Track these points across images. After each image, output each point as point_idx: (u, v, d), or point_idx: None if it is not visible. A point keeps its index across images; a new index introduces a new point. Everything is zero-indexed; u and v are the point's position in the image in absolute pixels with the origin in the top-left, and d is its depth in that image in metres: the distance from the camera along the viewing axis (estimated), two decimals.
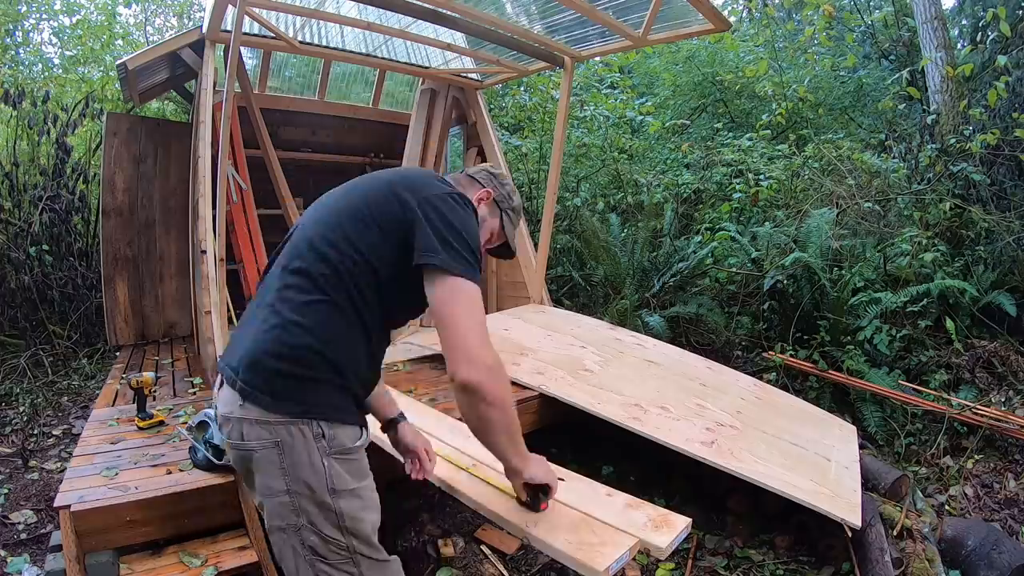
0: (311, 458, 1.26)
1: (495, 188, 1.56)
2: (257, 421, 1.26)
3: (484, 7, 3.92)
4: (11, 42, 6.73)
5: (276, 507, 1.29)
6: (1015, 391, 3.51)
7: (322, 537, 1.29)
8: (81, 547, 1.81)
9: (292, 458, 1.26)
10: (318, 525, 1.29)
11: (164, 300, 4.94)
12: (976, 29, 5.63)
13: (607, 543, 1.57)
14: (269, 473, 1.27)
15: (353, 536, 1.33)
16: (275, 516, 1.30)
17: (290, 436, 1.25)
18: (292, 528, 1.29)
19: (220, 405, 1.35)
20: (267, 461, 1.26)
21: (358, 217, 1.33)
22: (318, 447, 1.27)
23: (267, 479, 1.28)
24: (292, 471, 1.26)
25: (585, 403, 2.82)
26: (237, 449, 1.30)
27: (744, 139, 5.82)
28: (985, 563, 2.28)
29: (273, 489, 1.28)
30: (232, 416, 1.30)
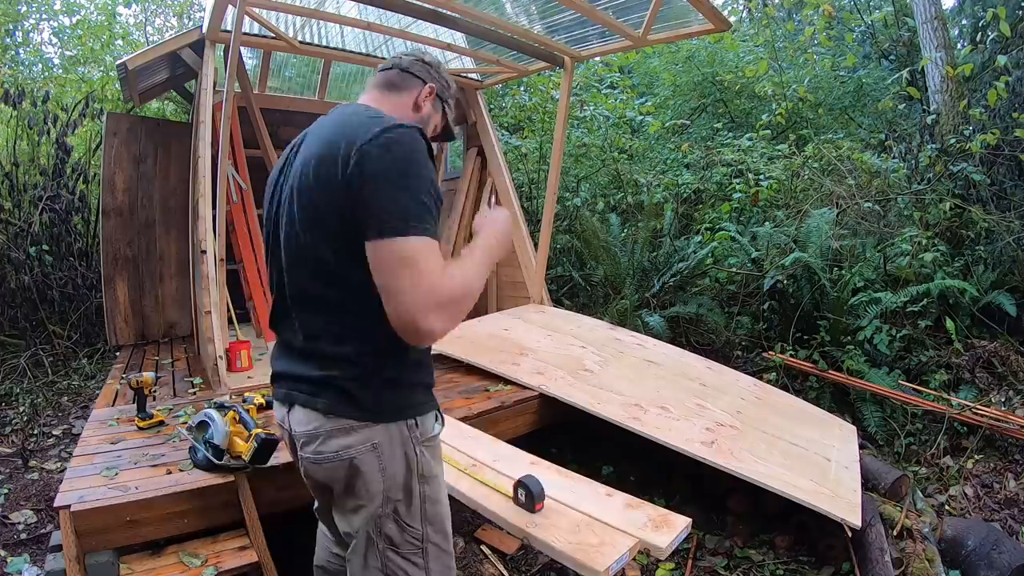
0: (406, 451, 1.29)
1: (436, 80, 1.45)
2: (352, 428, 1.24)
3: (484, 7, 3.92)
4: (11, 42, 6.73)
5: (369, 509, 1.30)
6: (1015, 391, 3.51)
7: (401, 526, 1.32)
8: (81, 547, 1.81)
9: (390, 456, 1.27)
10: (401, 513, 1.31)
11: (164, 300, 4.94)
12: (976, 29, 5.63)
13: (607, 543, 1.57)
14: (370, 476, 1.26)
15: (430, 524, 1.36)
16: (364, 516, 1.31)
17: (387, 435, 1.26)
18: (374, 519, 1.30)
19: (296, 425, 1.31)
20: (367, 465, 1.26)
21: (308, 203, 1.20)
22: (412, 438, 1.30)
23: (368, 483, 1.27)
24: (389, 468, 1.27)
25: (585, 403, 2.82)
26: (332, 461, 1.26)
27: (744, 139, 5.82)
28: (985, 563, 2.28)
29: (372, 491, 1.28)
30: (320, 430, 1.26)
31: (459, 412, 2.71)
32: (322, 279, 1.23)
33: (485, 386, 3.12)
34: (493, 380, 3.19)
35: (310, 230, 1.22)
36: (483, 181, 5.25)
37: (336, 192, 1.15)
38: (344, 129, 1.22)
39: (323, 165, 1.18)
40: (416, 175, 1.17)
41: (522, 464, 2.17)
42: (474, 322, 4.10)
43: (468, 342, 3.60)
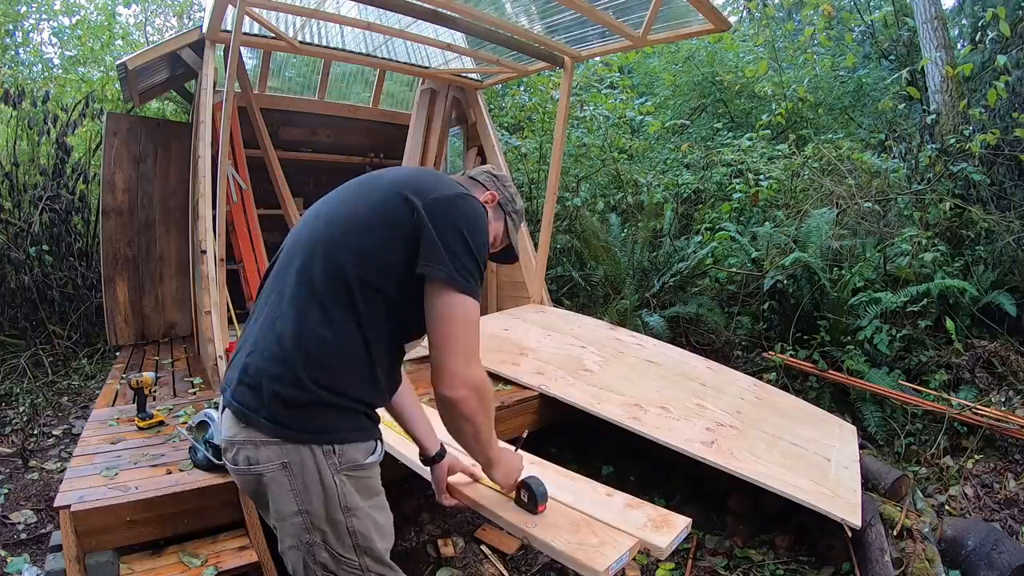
0: (322, 477, 1.22)
1: (499, 190, 1.51)
2: (262, 443, 1.22)
3: (484, 7, 3.92)
4: (11, 42, 6.72)
5: (289, 528, 1.26)
6: (1015, 391, 3.51)
7: (334, 556, 1.27)
8: (81, 547, 1.81)
9: (303, 478, 1.22)
10: (331, 544, 1.27)
11: (164, 300, 4.94)
12: (976, 29, 5.63)
13: (607, 543, 1.57)
14: (280, 497, 1.23)
15: (366, 555, 1.30)
16: (288, 536, 1.27)
17: (298, 455, 1.21)
18: (305, 545, 1.26)
19: (223, 430, 1.32)
20: (277, 484, 1.22)
21: (363, 225, 1.27)
22: (328, 464, 1.22)
23: (278, 503, 1.24)
24: (303, 492, 1.22)
25: (585, 403, 2.82)
26: (244, 474, 1.26)
27: (744, 139, 5.82)
28: (985, 563, 2.28)
29: (284, 513, 1.25)
30: (236, 439, 1.26)
31: None
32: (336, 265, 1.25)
33: None
34: (493, 380, 3.18)
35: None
36: None
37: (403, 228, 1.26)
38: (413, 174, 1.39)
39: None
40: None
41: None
42: None
43: None
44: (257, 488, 1.26)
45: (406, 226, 1.24)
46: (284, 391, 1.20)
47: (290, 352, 1.21)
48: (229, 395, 1.29)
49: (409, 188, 1.28)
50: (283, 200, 4.91)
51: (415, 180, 1.33)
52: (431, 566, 2.50)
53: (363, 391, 1.28)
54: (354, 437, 1.27)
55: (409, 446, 1.77)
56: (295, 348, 1.21)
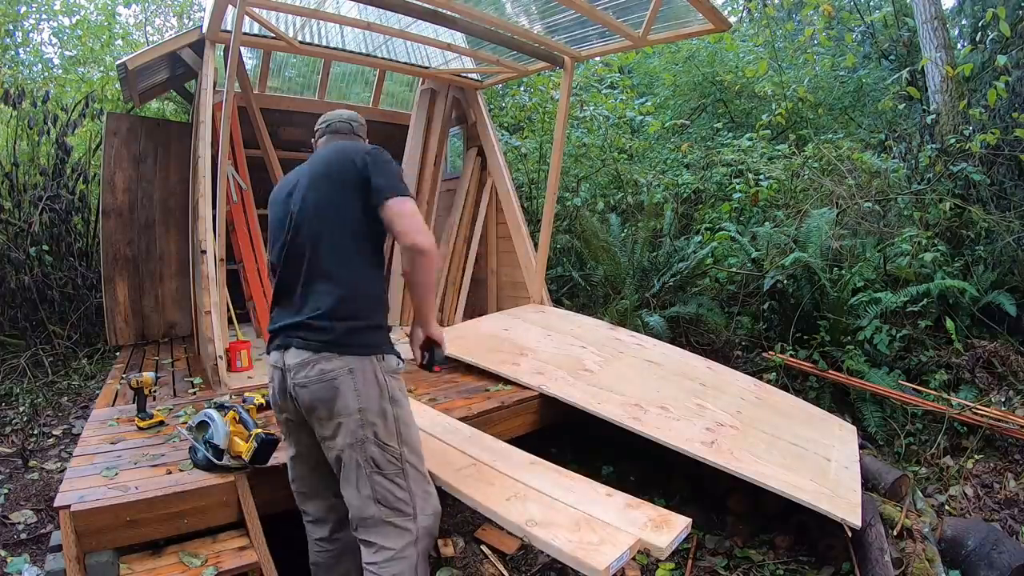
0: (376, 376, 1.69)
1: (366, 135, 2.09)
2: (336, 357, 1.66)
3: (484, 7, 3.92)
4: (11, 42, 6.72)
5: (349, 425, 1.65)
6: (1015, 391, 3.51)
7: (381, 446, 1.68)
8: (81, 547, 1.81)
9: (363, 379, 1.67)
10: (380, 435, 1.68)
11: (164, 300, 4.94)
12: (976, 29, 5.63)
13: (607, 542, 1.57)
14: (345, 395, 1.65)
15: (405, 444, 1.73)
16: (347, 434, 1.66)
17: (360, 363, 1.68)
18: (359, 443, 1.66)
19: (289, 358, 1.70)
20: (344, 385, 1.65)
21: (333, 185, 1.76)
22: (380, 367, 1.71)
23: (344, 400, 1.65)
24: (363, 389, 1.66)
25: (585, 403, 2.82)
26: (318, 382, 1.65)
27: (744, 139, 5.82)
28: (985, 563, 2.28)
29: (349, 408, 1.65)
30: (310, 360, 1.66)
31: (459, 412, 2.71)
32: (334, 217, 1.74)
33: (485, 386, 3.12)
34: (493, 380, 3.19)
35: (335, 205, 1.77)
36: (483, 181, 5.25)
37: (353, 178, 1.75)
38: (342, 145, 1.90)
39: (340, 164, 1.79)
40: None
41: (522, 464, 2.17)
42: (474, 322, 4.10)
43: (468, 342, 3.60)
44: (326, 394, 1.65)
45: (357, 175, 1.74)
46: (342, 324, 1.68)
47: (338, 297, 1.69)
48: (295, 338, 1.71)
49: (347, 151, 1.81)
50: None
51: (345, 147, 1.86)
52: (431, 566, 2.50)
53: (384, 313, 1.84)
54: (389, 350, 1.77)
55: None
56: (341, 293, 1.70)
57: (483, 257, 5.36)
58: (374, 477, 1.67)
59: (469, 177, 5.24)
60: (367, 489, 1.67)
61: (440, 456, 2.19)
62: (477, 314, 4.63)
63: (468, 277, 5.20)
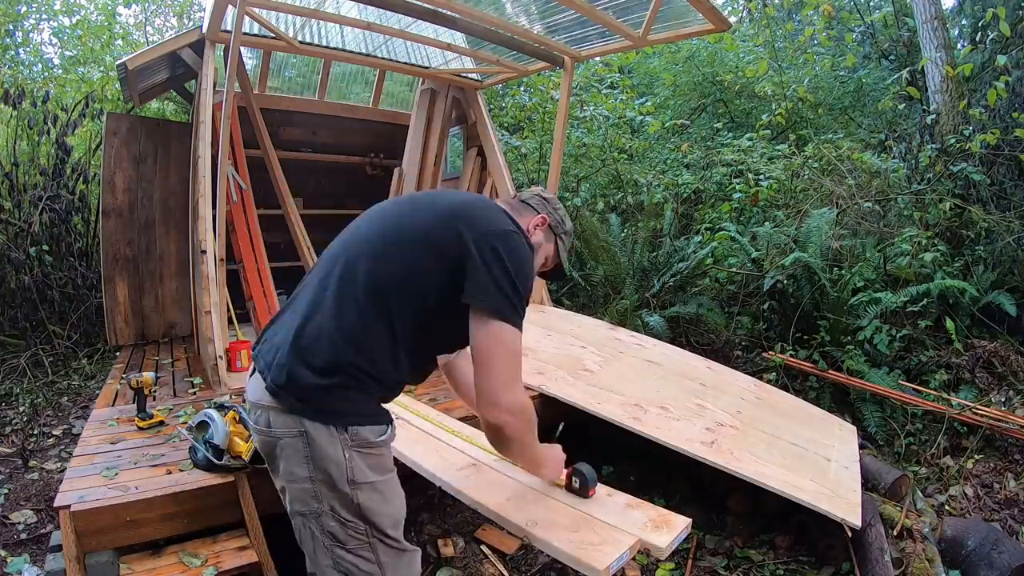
0: (334, 450, 1.33)
1: (550, 214, 1.61)
2: (285, 411, 1.34)
3: (484, 7, 3.92)
4: (11, 42, 6.72)
5: (298, 492, 1.37)
6: (1015, 391, 3.51)
7: (340, 521, 1.37)
8: (81, 547, 1.81)
9: (316, 448, 1.33)
10: (337, 511, 1.36)
11: (164, 300, 4.94)
12: (976, 29, 5.63)
13: (607, 542, 1.57)
14: (293, 460, 1.34)
15: (374, 519, 1.39)
16: (296, 501, 1.38)
17: (315, 429, 1.32)
18: (312, 514, 1.36)
19: (249, 392, 1.43)
20: (292, 449, 1.34)
21: (412, 240, 1.39)
22: (340, 440, 1.33)
23: (291, 466, 1.35)
24: (315, 460, 1.33)
25: (585, 403, 2.82)
26: (263, 435, 1.39)
27: (744, 139, 5.82)
28: (985, 563, 2.28)
29: (296, 476, 1.35)
30: (261, 403, 1.38)
31: (459, 412, 2.70)
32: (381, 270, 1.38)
33: None
34: None
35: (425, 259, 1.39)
36: (483, 181, 5.25)
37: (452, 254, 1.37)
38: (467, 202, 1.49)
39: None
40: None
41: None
42: None
43: None
44: (273, 450, 1.38)
45: (454, 253, 1.35)
46: (316, 380, 1.32)
47: (326, 340, 1.34)
48: (263, 365, 1.40)
49: (463, 218, 1.39)
50: (283, 200, 4.91)
51: (469, 209, 1.43)
52: (431, 566, 2.50)
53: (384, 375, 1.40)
54: (367, 421, 1.38)
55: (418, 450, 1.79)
56: (330, 337, 1.34)
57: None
58: (335, 550, 1.38)
59: (469, 177, 5.23)
60: (327, 559, 1.39)
61: (440, 456, 2.19)
62: None
63: None
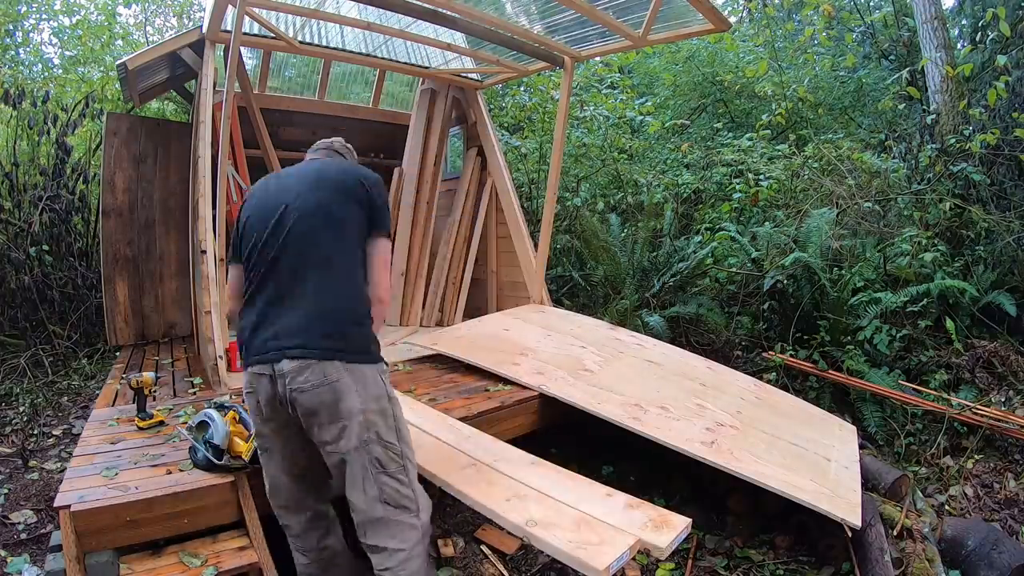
0: (376, 377, 1.74)
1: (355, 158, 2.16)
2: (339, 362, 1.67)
3: (484, 7, 3.92)
4: (11, 42, 6.72)
5: (353, 427, 1.67)
6: (1015, 391, 3.51)
7: (385, 445, 1.71)
8: (81, 547, 1.81)
9: (364, 380, 1.70)
10: (382, 434, 1.71)
11: (164, 300, 4.94)
12: (976, 29, 5.62)
13: (607, 542, 1.57)
14: (349, 396, 1.66)
15: (403, 441, 1.78)
16: (351, 436, 1.68)
17: (361, 367, 1.71)
18: (363, 444, 1.68)
19: (284, 366, 1.66)
20: (347, 387, 1.66)
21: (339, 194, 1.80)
22: (377, 368, 1.76)
23: (349, 402, 1.66)
24: (364, 390, 1.69)
25: (585, 403, 2.82)
26: (321, 385, 1.64)
27: (744, 139, 5.82)
28: (985, 563, 2.28)
29: (353, 409, 1.67)
30: (309, 364, 1.64)
31: (459, 412, 2.71)
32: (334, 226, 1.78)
33: (485, 386, 3.12)
34: (493, 380, 3.19)
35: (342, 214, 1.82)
36: (483, 181, 5.25)
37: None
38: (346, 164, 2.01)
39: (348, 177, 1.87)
40: None
41: (522, 464, 2.17)
42: (474, 322, 4.10)
43: (468, 342, 3.60)
44: (330, 397, 1.65)
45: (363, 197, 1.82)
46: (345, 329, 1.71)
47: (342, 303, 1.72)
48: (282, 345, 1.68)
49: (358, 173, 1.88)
50: None
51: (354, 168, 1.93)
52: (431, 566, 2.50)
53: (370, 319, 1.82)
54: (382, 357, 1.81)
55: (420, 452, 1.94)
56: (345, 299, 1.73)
57: (483, 257, 5.36)
58: (380, 477, 1.69)
59: (469, 177, 5.24)
60: (374, 490, 1.69)
61: (440, 456, 2.19)
62: (477, 314, 4.63)
63: (468, 277, 5.20)
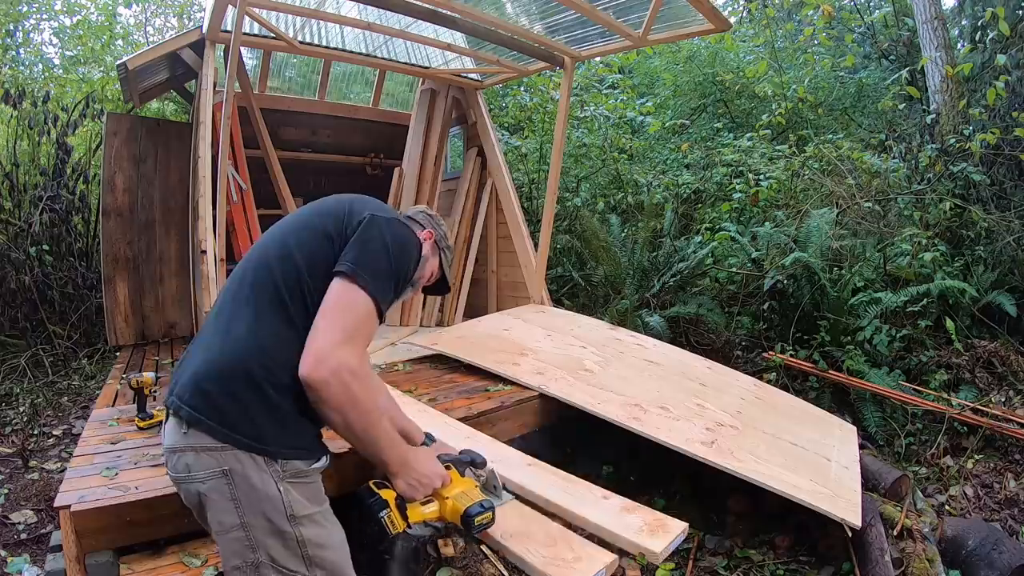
0: (264, 484, 1.18)
1: (434, 229, 1.62)
2: (204, 449, 1.18)
3: (484, 7, 3.92)
4: (11, 42, 6.72)
5: (230, 544, 1.20)
6: (1015, 391, 3.51)
7: (282, 572, 1.22)
8: (81, 547, 1.80)
9: (244, 486, 1.17)
10: (279, 559, 1.21)
11: (164, 300, 4.94)
12: (976, 29, 5.62)
13: (582, 559, 1.55)
14: (220, 507, 1.19)
15: (319, 568, 1.25)
16: (230, 555, 1.21)
17: (239, 463, 1.18)
18: (250, 566, 1.20)
19: (165, 438, 1.26)
20: (217, 493, 1.18)
21: (314, 234, 1.34)
22: (271, 472, 1.19)
23: (218, 513, 1.19)
24: (245, 501, 1.18)
25: (585, 403, 2.82)
26: (184, 483, 1.23)
27: (744, 139, 5.82)
28: (985, 563, 2.28)
29: (225, 524, 1.19)
30: (176, 447, 1.21)
31: (459, 412, 2.71)
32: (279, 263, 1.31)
33: (485, 386, 3.12)
34: (493, 380, 3.19)
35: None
36: (483, 181, 5.25)
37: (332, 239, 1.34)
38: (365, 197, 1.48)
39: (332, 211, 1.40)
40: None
41: (520, 466, 2.17)
42: (474, 322, 4.10)
43: (468, 342, 3.60)
44: (198, 499, 1.22)
45: (340, 231, 1.33)
46: (235, 392, 1.19)
47: (245, 350, 1.21)
48: (175, 399, 1.23)
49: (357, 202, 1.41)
50: (283, 200, 4.91)
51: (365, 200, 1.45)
52: (431, 566, 2.50)
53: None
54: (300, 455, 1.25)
55: None
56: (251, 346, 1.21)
57: (483, 257, 5.36)
58: None
59: (469, 177, 5.24)
60: None
61: None
62: (477, 314, 4.62)
63: (468, 277, 5.20)
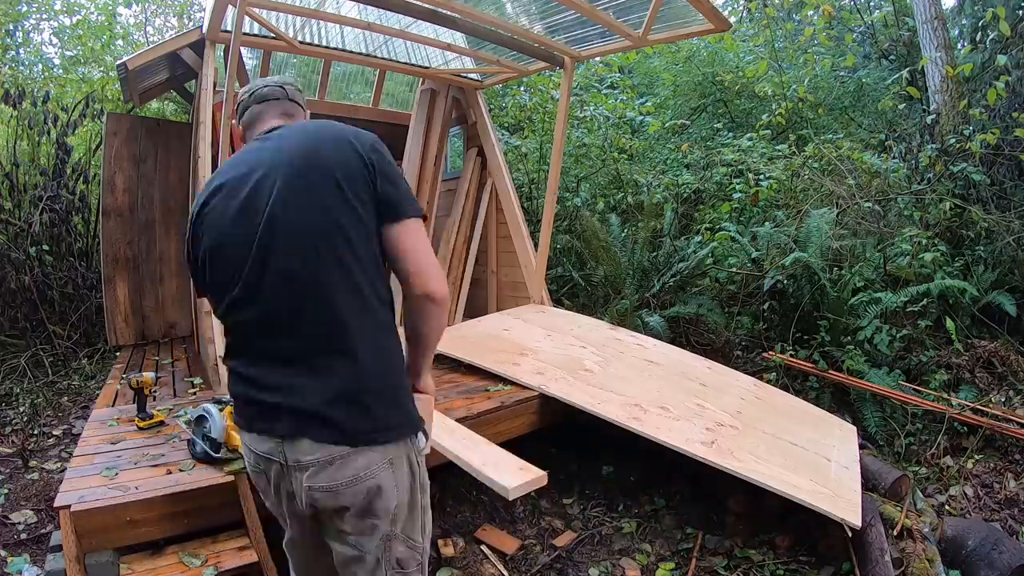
0: (411, 463, 1.32)
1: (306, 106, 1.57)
2: (377, 448, 1.25)
3: (484, 7, 3.92)
4: (11, 42, 6.71)
5: (382, 525, 1.30)
6: (1015, 391, 3.51)
7: (410, 544, 1.35)
8: (81, 547, 1.81)
9: (401, 469, 1.29)
10: (408, 530, 1.34)
11: (164, 300, 4.94)
12: (976, 29, 5.62)
13: None
14: (386, 493, 1.26)
15: (426, 537, 1.41)
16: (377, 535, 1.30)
17: (398, 451, 1.29)
18: (384, 541, 1.30)
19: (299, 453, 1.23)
20: (386, 482, 1.26)
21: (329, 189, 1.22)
22: (414, 448, 1.34)
23: (385, 500, 1.27)
24: (401, 482, 1.29)
25: (585, 403, 2.82)
26: (355, 483, 1.23)
27: (744, 139, 5.82)
28: (985, 563, 2.28)
29: (388, 508, 1.28)
30: (338, 455, 1.22)
31: (459, 412, 2.71)
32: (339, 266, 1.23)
33: (485, 386, 3.12)
34: (493, 380, 3.19)
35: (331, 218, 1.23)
36: (483, 181, 5.25)
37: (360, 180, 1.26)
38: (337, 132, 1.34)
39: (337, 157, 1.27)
40: None
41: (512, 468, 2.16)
42: (474, 322, 4.10)
43: (468, 342, 3.60)
44: (364, 497, 1.25)
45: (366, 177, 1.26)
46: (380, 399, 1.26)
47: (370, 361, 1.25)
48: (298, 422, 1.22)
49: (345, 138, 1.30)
50: None
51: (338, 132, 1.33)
52: (431, 566, 2.50)
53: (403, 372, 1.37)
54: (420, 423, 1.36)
55: None
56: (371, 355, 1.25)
57: (483, 257, 5.36)
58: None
59: (469, 177, 5.24)
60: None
61: None
62: (477, 314, 4.62)
63: (468, 277, 5.20)
